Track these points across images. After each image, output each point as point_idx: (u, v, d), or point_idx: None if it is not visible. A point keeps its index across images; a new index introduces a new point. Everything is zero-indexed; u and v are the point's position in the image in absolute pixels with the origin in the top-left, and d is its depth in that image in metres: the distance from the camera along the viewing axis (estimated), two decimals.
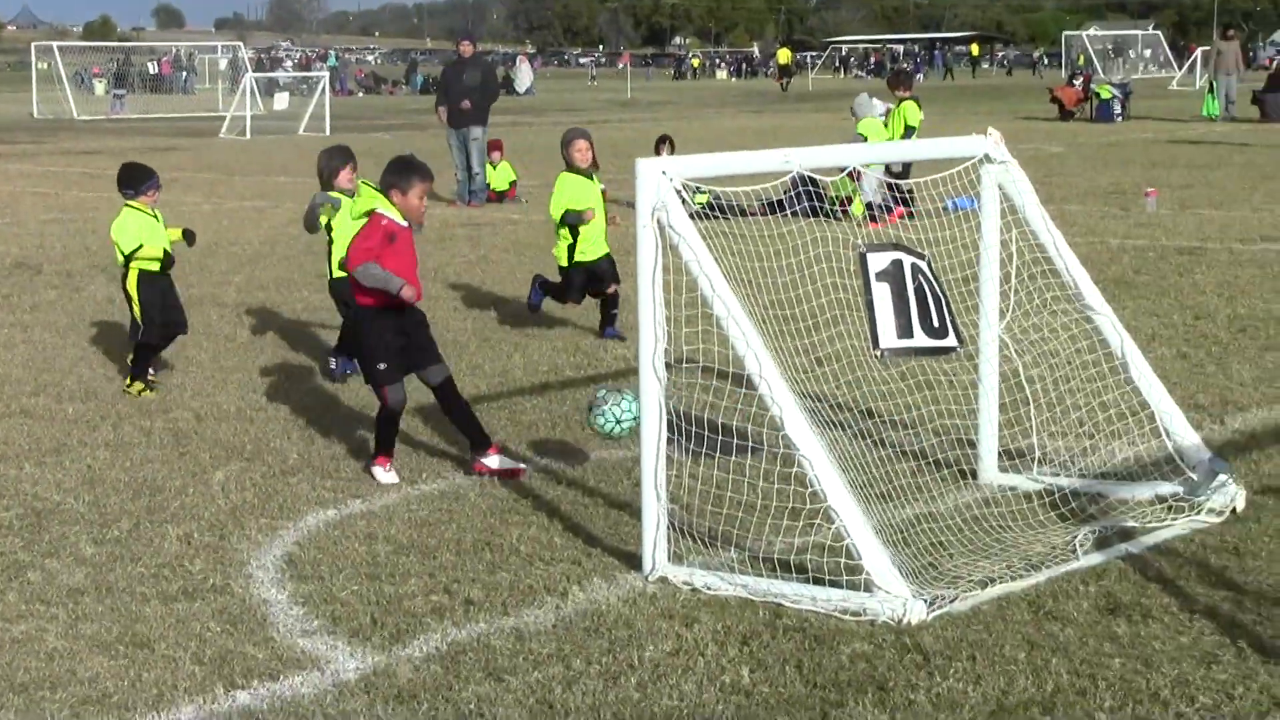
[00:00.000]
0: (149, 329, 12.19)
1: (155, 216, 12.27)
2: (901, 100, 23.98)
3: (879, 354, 8.39)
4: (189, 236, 12.67)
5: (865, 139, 23.90)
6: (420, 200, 9.69)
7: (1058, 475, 9.17)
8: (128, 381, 12.14)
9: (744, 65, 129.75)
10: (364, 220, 9.72)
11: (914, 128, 23.66)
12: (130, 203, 12.17)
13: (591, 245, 13.89)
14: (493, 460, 9.58)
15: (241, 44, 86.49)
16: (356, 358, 10.88)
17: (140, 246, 12.02)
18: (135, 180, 12.22)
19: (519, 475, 9.52)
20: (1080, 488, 8.97)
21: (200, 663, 6.83)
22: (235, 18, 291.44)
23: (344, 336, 12.23)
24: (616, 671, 6.67)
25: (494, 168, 27.17)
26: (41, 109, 63.50)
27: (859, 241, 8.52)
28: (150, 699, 6.49)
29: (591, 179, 13.93)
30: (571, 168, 13.92)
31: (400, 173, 9.65)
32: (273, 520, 8.89)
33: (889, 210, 20.82)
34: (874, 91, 26.02)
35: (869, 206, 23.13)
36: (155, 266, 12.18)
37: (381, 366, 9.47)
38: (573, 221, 13.77)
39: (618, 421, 9.01)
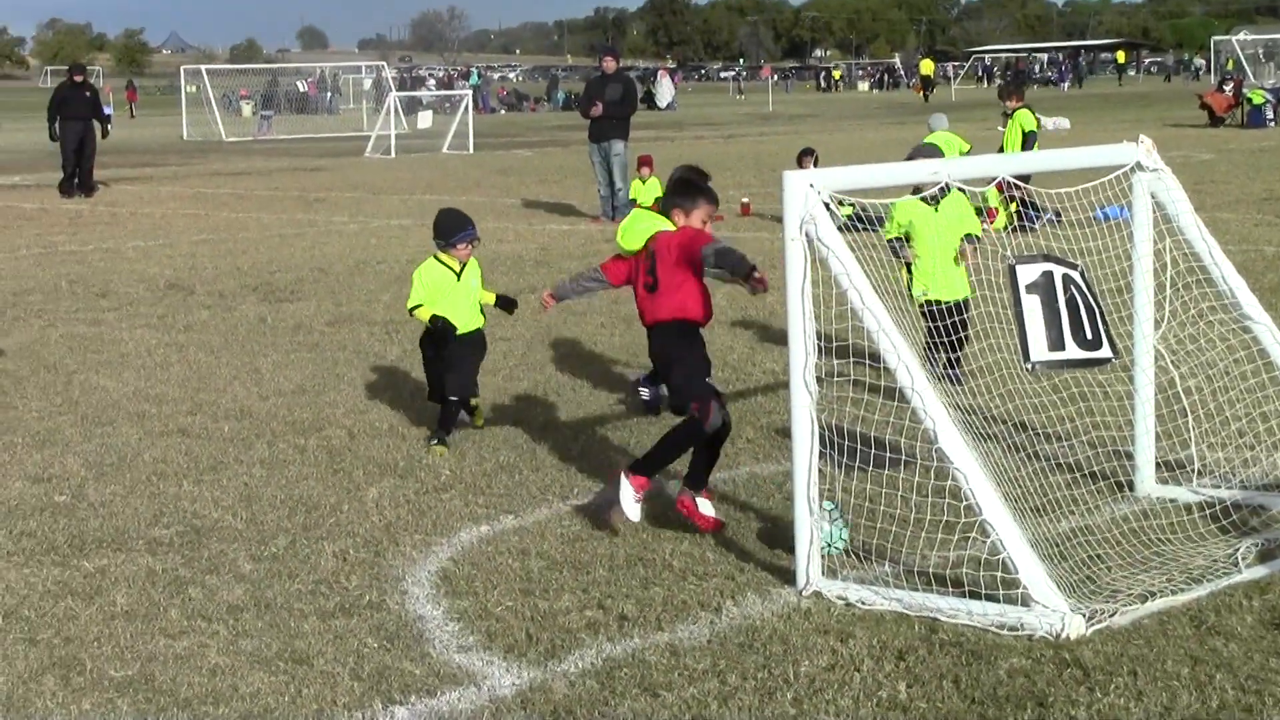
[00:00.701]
0: (429, 389, 11.37)
1: (459, 273, 11.25)
2: (1015, 110, 24.12)
3: (1029, 367, 8.31)
4: (505, 304, 11.53)
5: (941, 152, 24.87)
6: (704, 223, 8.98)
7: (1218, 487, 9.03)
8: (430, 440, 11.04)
9: (885, 76, 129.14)
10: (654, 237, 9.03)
11: (1033, 132, 23.75)
12: (439, 254, 11.40)
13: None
14: (704, 505, 8.80)
15: (385, 64, 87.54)
16: (666, 381, 9.90)
17: (419, 306, 11.15)
18: (446, 230, 11.43)
19: (718, 529, 8.76)
20: (1241, 499, 8.83)
21: (358, 678, 6.91)
22: (378, 38, 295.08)
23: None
24: (772, 687, 6.65)
25: (643, 182, 27.24)
26: (190, 131, 64.65)
27: (1008, 254, 8.46)
28: (310, 714, 6.57)
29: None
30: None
31: (685, 193, 9.03)
32: (427, 536, 8.97)
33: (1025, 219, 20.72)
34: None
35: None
36: (429, 325, 11.13)
37: (708, 380, 8.94)
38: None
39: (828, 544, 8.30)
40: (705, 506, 8.76)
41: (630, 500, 8.62)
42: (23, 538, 9.16)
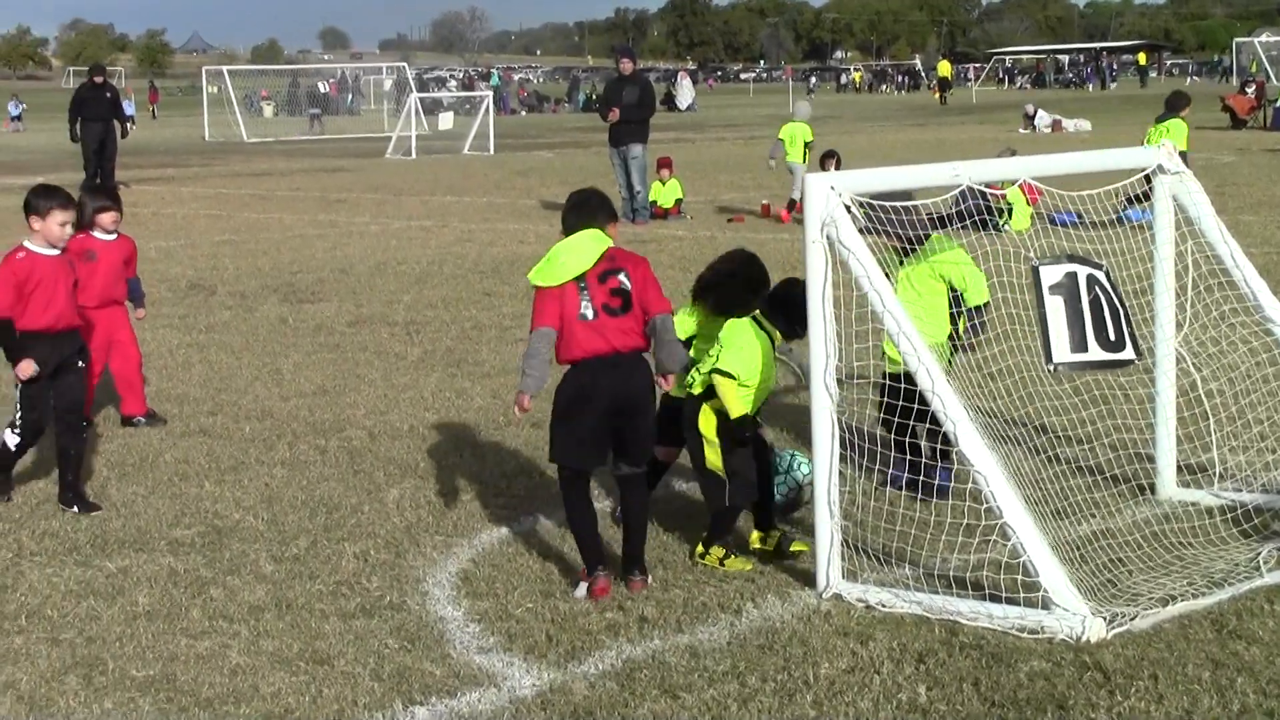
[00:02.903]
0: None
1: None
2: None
3: (1052, 368, 8.31)
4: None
5: (782, 141, 26.97)
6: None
7: (1240, 490, 9.01)
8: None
9: (905, 79, 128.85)
10: None
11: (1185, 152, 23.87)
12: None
13: None
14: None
15: (406, 64, 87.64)
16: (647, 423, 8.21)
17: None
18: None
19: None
20: (1263, 503, 8.82)
21: (379, 679, 6.92)
22: (399, 39, 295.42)
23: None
24: (792, 689, 6.66)
25: (663, 184, 27.29)
26: (212, 132, 64.75)
27: (1030, 255, 8.45)
28: (331, 714, 6.59)
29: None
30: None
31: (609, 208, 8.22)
32: (447, 538, 8.98)
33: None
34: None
35: (791, 204, 25.01)
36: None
37: None
38: None
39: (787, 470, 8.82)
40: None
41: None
42: (45, 538, 9.19)
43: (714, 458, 8.32)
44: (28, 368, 9.60)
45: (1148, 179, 9.06)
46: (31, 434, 9.90)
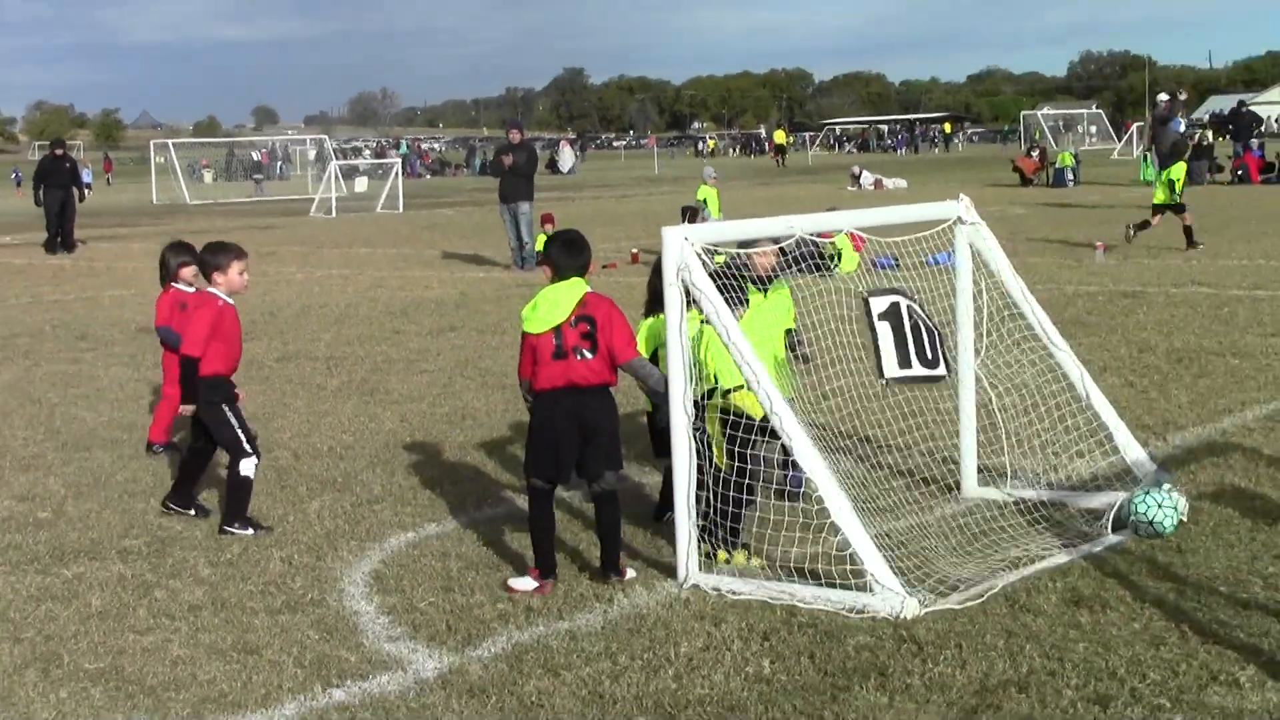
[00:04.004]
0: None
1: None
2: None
3: (883, 382, 8.37)
4: None
5: (704, 202, 27.60)
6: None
7: (1028, 488, 9.11)
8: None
9: (752, 144, 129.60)
10: None
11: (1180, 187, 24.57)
12: None
13: None
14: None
15: (327, 137, 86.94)
16: (597, 449, 7.88)
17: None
18: None
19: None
20: (1047, 498, 8.92)
21: (301, 666, 6.81)
22: (321, 115, 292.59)
23: None
24: (656, 665, 6.62)
25: (547, 236, 27.23)
26: (159, 196, 63.82)
27: (859, 289, 8.50)
28: (259, 698, 6.47)
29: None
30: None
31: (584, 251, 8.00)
32: (361, 542, 8.86)
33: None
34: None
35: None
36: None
37: None
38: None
39: (1160, 507, 8.13)
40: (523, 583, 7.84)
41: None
42: (9, 549, 8.97)
43: (719, 458, 8.16)
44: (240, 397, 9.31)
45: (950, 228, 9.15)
46: (258, 451, 9.36)
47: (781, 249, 9.94)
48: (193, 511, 9.53)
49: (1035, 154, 52.69)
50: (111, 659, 6.98)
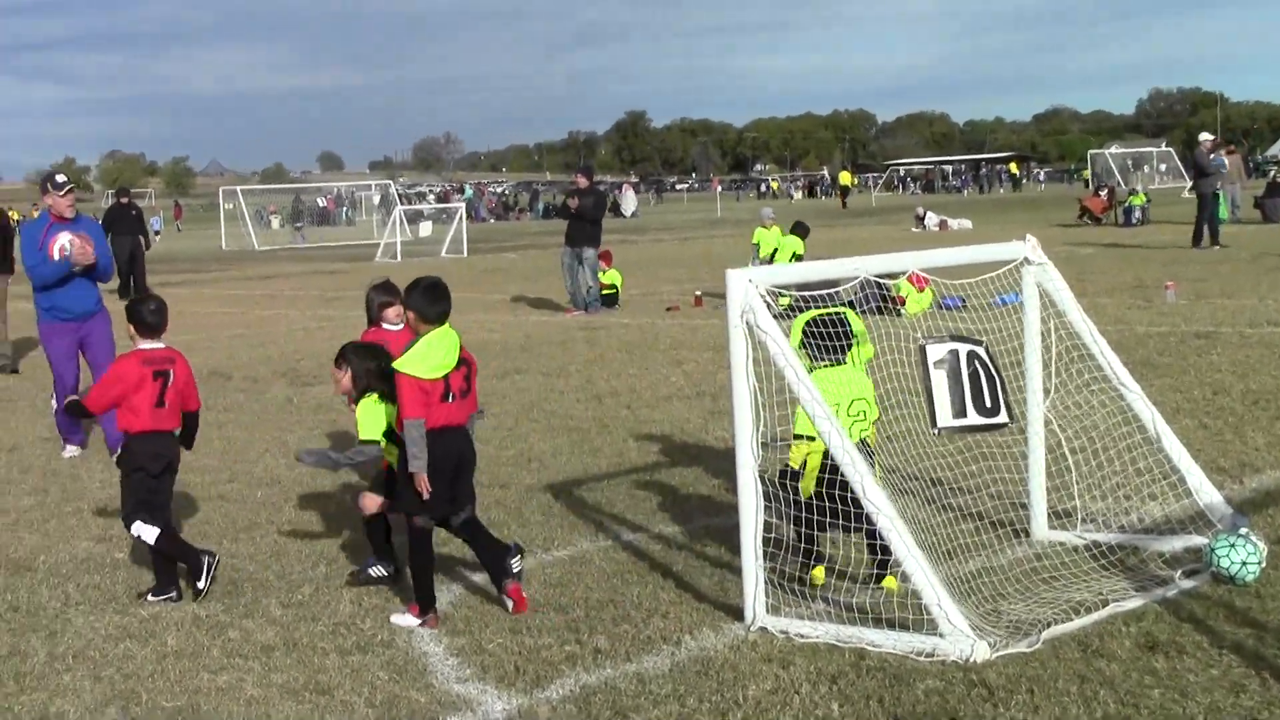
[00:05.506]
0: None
1: None
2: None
3: (936, 432, 8.36)
4: None
5: (758, 245, 27.82)
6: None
7: (1100, 531, 9.06)
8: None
9: (814, 186, 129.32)
10: None
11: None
12: None
13: None
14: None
15: (392, 182, 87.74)
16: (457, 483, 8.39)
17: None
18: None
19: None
20: (1120, 541, 8.87)
21: (373, 706, 6.87)
22: (385, 160, 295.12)
23: None
24: (725, 708, 6.64)
25: (603, 273, 27.49)
26: (228, 242, 64.57)
27: (919, 335, 8.51)
28: None
29: None
30: None
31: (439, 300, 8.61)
32: None
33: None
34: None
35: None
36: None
37: None
38: None
39: (1244, 564, 8.03)
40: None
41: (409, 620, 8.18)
42: (89, 589, 9.12)
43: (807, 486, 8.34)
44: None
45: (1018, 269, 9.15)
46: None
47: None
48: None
49: (1104, 193, 52.42)
50: (188, 698, 7.08)
